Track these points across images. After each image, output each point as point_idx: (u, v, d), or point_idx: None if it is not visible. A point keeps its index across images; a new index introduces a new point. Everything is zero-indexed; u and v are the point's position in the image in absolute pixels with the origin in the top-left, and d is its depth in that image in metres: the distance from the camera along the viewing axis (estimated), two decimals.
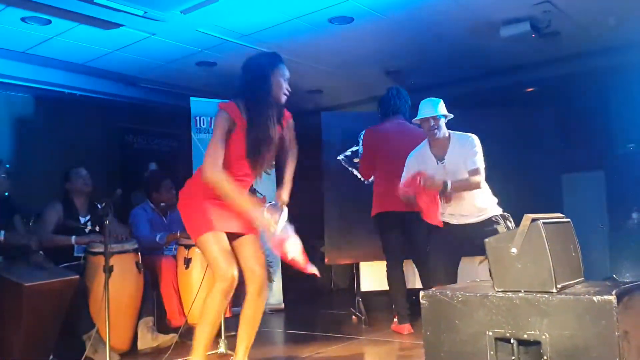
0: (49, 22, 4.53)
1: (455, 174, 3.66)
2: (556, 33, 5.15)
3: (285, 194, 3.02)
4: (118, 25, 4.66)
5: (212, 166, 2.77)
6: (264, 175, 3.08)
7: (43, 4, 4.17)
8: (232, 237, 2.96)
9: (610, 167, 5.90)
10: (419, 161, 3.79)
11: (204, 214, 2.88)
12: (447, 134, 3.78)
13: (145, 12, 4.38)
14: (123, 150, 6.85)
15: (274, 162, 3.13)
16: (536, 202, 4.39)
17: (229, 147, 2.86)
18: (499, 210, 3.69)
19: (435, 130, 3.73)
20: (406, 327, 4.28)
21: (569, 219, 2.55)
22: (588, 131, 5.91)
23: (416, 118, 3.80)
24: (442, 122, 3.76)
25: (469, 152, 3.69)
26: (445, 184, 3.57)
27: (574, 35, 5.28)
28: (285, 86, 2.99)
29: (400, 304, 4.37)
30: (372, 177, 4.72)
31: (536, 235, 2.27)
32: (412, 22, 4.88)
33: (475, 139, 3.74)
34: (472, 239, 3.56)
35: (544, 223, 2.29)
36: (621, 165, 5.80)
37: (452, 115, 3.80)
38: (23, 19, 4.46)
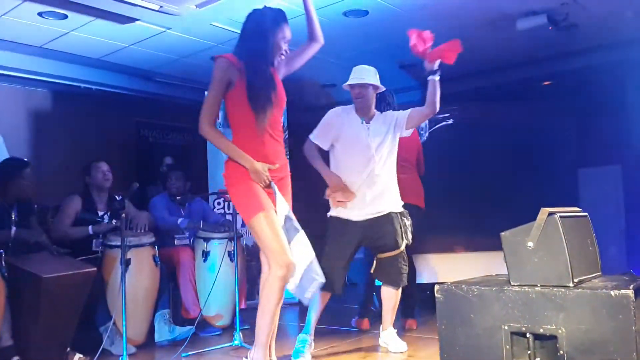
0: (65, 17, 4.56)
1: (377, 141, 3.55)
2: (574, 26, 5.09)
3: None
4: (133, 20, 4.68)
5: (206, 122, 2.81)
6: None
7: None
8: None
9: (627, 161, 5.84)
10: (341, 117, 3.60)
11: (255, 193, 2.78)
12: (373, 109, 3.65)
13: (161, 7, 4.40)
14: (138, 145, 6.89)
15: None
16: (552, 196, 4.37)
17: (236, 110, 2.84)
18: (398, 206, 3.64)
19: (360, 100, 3.59)
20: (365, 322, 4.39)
21: (586, 213, 2.53)
22: (605, 125, 5.84)
23: (345, 84, 3.66)
24: (371, 91, 3.61)
25: (393, 115, 3.64)
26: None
27: (591, 28, 5.21)
28: (284, 48, 2.90)
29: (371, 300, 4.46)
30: None
31: (553, 229, 2.26)
32: (427, 14, 4.84)
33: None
34: (369, 236, 3.56)
35: (561, 217, 2.27)
36: (638, 159, 5.73)
37: (383, 88, 3.67)
38: (40, 14, 4.50)
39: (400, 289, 3.71)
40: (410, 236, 3.65)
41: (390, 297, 3.71)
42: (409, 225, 3.64)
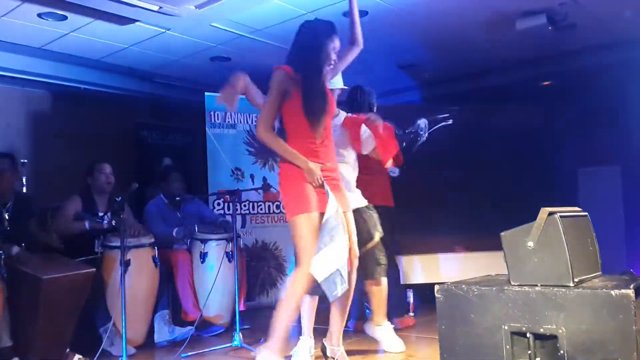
0: (65, 18, 4.56)
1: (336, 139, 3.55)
2: (573, 26, 5.09)
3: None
4: (133, 21, 4.68)
5: (263, 126, 2.93)
6: (277, 168, 3.12)
7: None
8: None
9: (627, 161, 5.84)
10: None
11: (303, 194, 2.91)
12: (336, 109, 3.70)
13: (160, 8, 4.40)
14: (138, 146, 6.88)
15: None
16: (552, 196, 4.37)
17: (292, 118, 2.95)
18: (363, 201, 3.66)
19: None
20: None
21: (586, 213, 2.53)
22: (605, 125, 5.84)
23: None
24: (337, 93, 3.69)
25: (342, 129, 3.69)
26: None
27: (591, 28, 5.21)
28: (333, 58, 3.05)
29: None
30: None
31: (553, 228, 2.25)
32: (427, 15, 4.85)
33: None
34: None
35: (561, 217, 2.27)
36: (638, 159, 5.73)
37: (346, 87, 3.77)
38: (39, 15, 4.50)
39: (384, 283, 3.70)
40: (380, 228, 3.67)
41: (374, 292, 3.72)
42: (377, 219, 3.67)
